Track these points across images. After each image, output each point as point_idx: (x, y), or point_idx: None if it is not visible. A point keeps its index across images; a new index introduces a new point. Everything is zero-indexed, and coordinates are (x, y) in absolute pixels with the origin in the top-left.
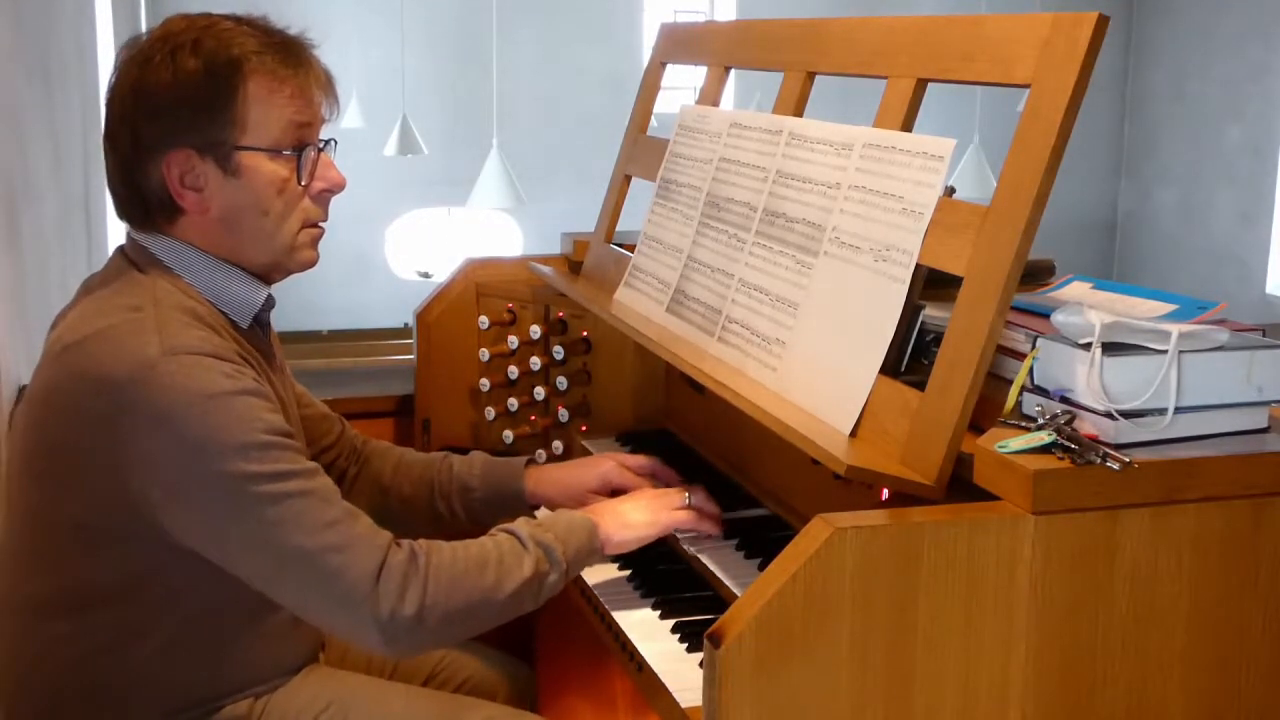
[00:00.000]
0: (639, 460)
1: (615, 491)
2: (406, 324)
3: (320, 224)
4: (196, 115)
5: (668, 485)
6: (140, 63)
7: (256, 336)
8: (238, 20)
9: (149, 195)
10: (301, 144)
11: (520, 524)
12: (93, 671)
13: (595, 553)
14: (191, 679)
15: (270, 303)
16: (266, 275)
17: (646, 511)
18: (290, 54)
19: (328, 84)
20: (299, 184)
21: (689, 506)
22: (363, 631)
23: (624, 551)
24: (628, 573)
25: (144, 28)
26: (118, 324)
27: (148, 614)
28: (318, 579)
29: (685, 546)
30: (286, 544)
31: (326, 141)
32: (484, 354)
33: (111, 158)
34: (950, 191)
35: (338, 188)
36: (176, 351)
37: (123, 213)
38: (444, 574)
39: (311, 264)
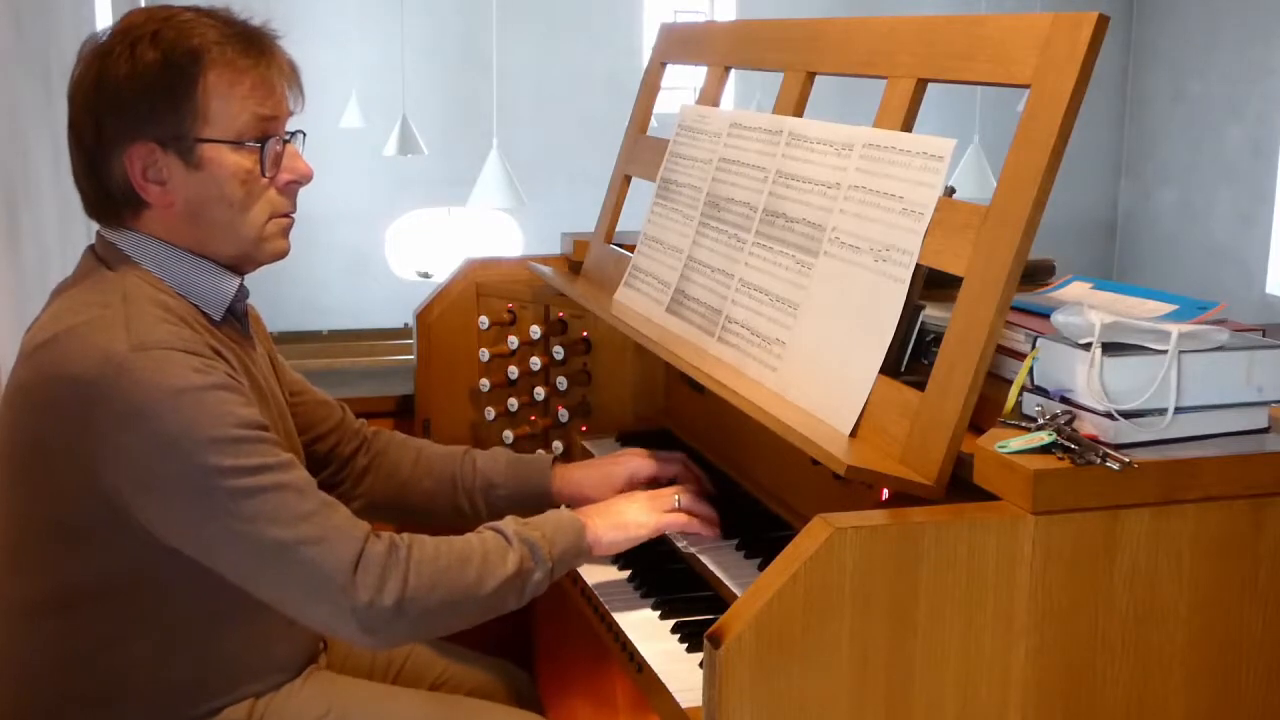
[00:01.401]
0: (665, 459)
1: (646, 486)
2: (406, 324)
3: (289, 214)
4: (156, 107)
5: (696, 481)
6: (101, 55)
7: (232, 328)
8: (198, 11)
9: (113, 189)
10: (265, 135)
11: (508, 522)
12: (85, 673)
13: (584, 553)
14: (185, 678)
15: (243, 293)
16: (237, 266)
17: (638, 513)
18: (251, 44)
19: (292, 75)
20: (263, 175)
21: (679, 509)
22: (341, 622)
23: (614, 552)
24: (628, 573)
25: None
26: (87, 321)
27: (136, 612)
28: (295, 571)
29: (685, 547)
30: (262, 537)
31: (293, 133)
32: (484, 354)
33: (75, 152)
34: (950, 191)
35: (304, 179)
36: (146, 347)
37: (89, 209)
38: (425, 567)
39: (283, 254)
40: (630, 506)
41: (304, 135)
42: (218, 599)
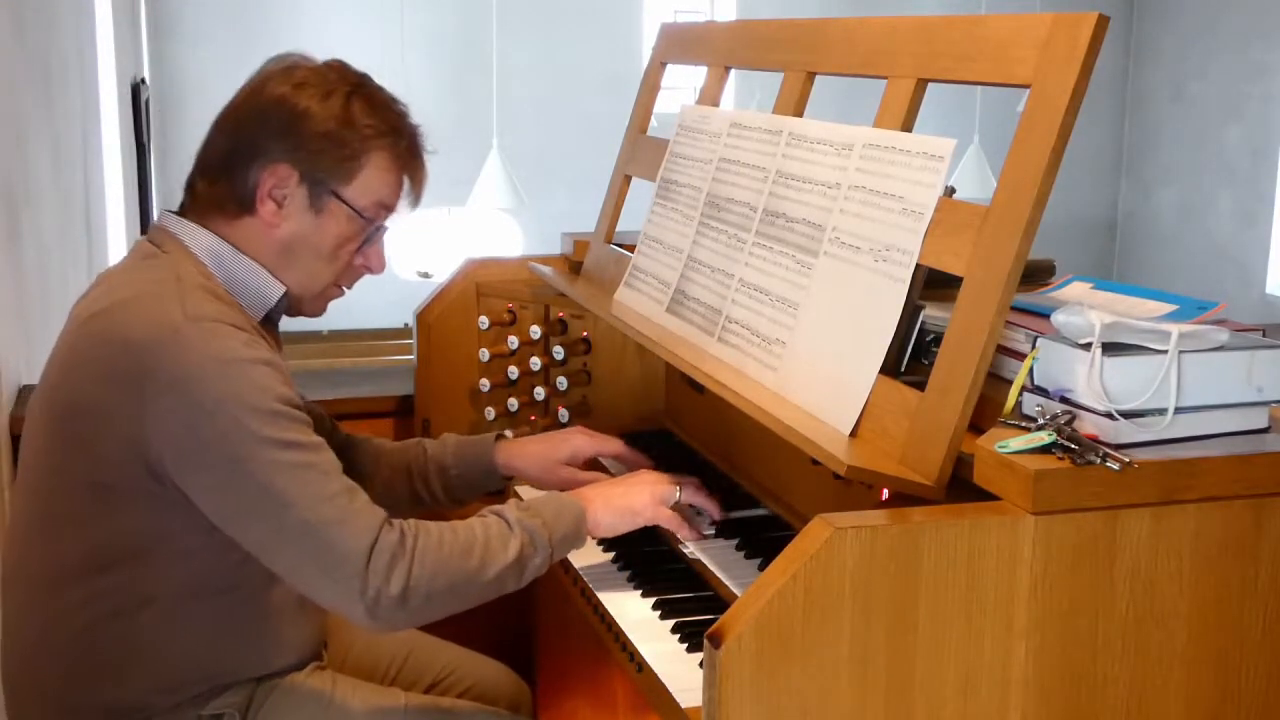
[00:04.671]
0: (604, 440)
1: (586, 465)
2: (406, 324)
3: (344, 290)
4: (323, 150)
5: (634, 467)
6: (295, 83)
7: (266, 330)
8: (391, 98)
9: (235, 186)
10: (375, 219)
11: (509, 506)
12: (99, 640)
13: (582, 537)
14: (194, 651)
15: (283, 303)
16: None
17: (636, 500)
18: (418, 148)
19: (422, 188)
20: (356, 249)
21: (677, 506)
22: (348, 604)
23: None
24: (628, 573)
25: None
26: (143, 293)
27: (156, 580)
28: (313, 549)
29: (691, 552)
30: (288, 512)
31: (386, 227)
32: (484, 354)
33: (221, 141)
34: (950, 191)
35: (375, 271)
36: (200, 319)
37: (200, 190)
38: (430, 556)
39: (317, 315)
40: (628, 494)
41: (388, 229)
42: (236, 572)
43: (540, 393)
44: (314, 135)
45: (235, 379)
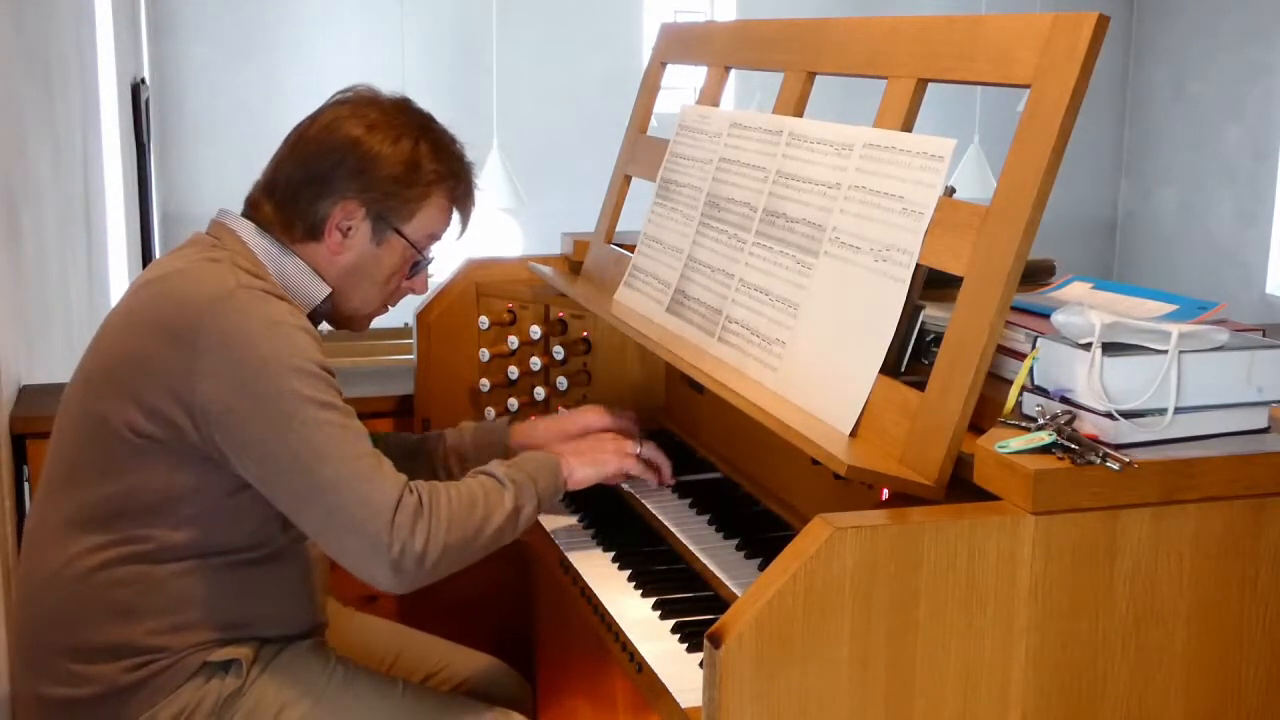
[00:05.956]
0: (617, 415)
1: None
2: (406, 324)
3: (387, 310)
4: (391, 191)
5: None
6: (368, 124)
7: None
8: (452, 139)
9: (304, 213)
10: (426, 250)
11: (495, 465)
12: (109, 582)
13: (561, 488)
14: (201, 604)
15: (326, 306)
16: (329, 316)
17: (602, 453)
18: (472, 187)
19: (470, 220)
20: (405, 277)
21: (639, 456)
22: (375, 560)
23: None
24: (628, 572)
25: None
26: (199, 265)
27: (170, 533)
28: (343, 504)
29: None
30: (322, 466)
31: (433, 256)
32: (484, 354)
33: (291, 170)
34: (950, 191)
35: (419, 293)
36: (251, 288)
37: (265, 209)
38: (442, 512)
39: (362, 330)
40: (595, 448)
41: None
42: (248, 538)
43: (540, 393)
44: (384, 178)
45: (282, 340)
